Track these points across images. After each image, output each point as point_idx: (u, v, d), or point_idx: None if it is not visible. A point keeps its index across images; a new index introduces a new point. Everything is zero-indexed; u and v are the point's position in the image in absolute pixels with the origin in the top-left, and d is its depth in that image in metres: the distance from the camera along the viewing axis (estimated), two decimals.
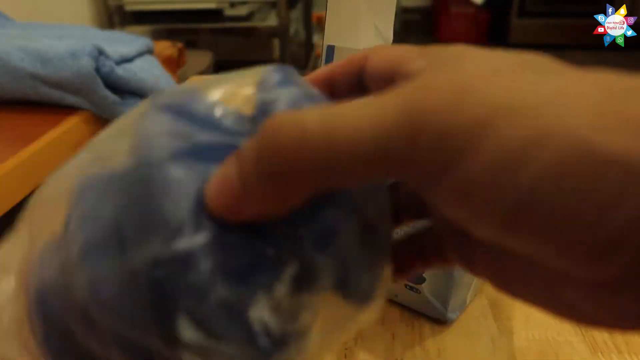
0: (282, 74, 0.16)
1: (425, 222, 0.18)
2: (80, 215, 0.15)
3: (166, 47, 0.84)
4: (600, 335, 0.36)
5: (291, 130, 0.12)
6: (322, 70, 0.19)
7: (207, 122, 0.15)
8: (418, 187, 0.12)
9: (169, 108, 0.16)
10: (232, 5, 1.67)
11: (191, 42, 1.81)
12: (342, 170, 0.12)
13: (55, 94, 0.60)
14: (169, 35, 1.69)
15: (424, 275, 0.37)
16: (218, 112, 0.15)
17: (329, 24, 0.38)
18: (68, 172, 0.17)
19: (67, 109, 0.61)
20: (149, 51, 0.73)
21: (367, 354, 0.36)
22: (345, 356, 0.36)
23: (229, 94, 0.16)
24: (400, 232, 0.19)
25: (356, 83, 0.18)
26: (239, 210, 0.13)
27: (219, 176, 0.13)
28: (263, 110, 0.15)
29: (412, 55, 0.16)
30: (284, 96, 0.15)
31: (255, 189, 0.13)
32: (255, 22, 1.73)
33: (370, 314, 0.16)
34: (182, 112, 0.15)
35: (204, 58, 1.41)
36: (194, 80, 0.17)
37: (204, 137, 0.14)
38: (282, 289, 0.14)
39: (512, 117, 0.11)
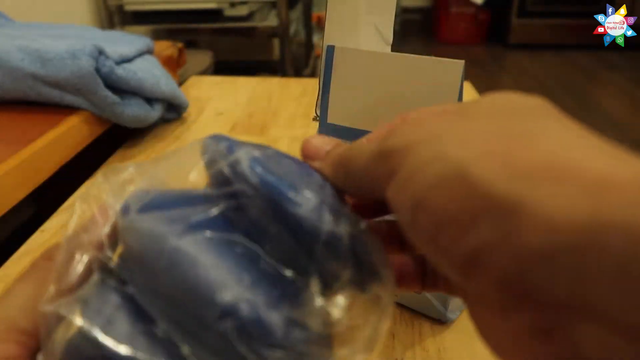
0: (223, 140, 0.19)
1: None
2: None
3: (166, 47, 0.84)
4: None
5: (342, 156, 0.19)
6: None
7: (188, 202, 0.18)
8: (382, 190, 0.17)
9: (150, 207, 0.18)
10: (232, 5, 1.67)
11: (191, 42, 1.81)
12: (353, 177, 0.18)
13: (55, 94, 0.60)
14: (169, 35, 1.69)
15: None
16: (193, 192, 0.18)
17: (329, 24, 0.38)
18: None
19: (67, 109, 0.61)
20: (149, 51, 0.73)
21: None
22: None
23: (191, 178, 0.19)
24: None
25: None
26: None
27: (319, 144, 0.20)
28: (234, 172, 0.17)
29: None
30: (244, 156, 0.18)
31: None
32: (255, 22, 1.73)
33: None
34: (164, 205, 0.18)
35: (204, 58, 1.41)
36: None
37: (196, 214, 0.17)
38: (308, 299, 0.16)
39: (423, 144, 0.15)
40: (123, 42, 0.68)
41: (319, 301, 0.16)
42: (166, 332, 0.16)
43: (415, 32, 3.44)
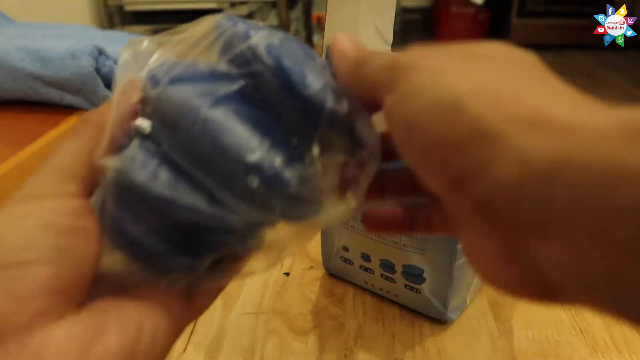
0: (238, 22, 0.21)
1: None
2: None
3: None
4: (600, 335, 0.37)
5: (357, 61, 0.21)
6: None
7: (212, 78, 0.21)
8: (379, 99, 0.18)
9: (179, 80, 0.20)
10: (232, 5, 1.67)
11: None
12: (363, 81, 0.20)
13: (55, 94, 0.60)
14: None
15: (424, 275, 0.37)
16: (216, 69, 0.21)
17: (329, 24, 0.38)
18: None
19: (67, 109, 0.61)
20: None
21: (367, 353, 0.36)
22: (345, 356, 0.36)
23: (205, 53, 0.22)
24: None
25: None
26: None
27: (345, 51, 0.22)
28: (253, 55, 0.20)
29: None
30: (262, 40, 0.20)
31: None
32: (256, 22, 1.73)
33: None
34: (192, 79, 0.20)
35: None
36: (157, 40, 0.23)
37: (222, 89, 0.20)
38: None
39: (427, 71, 0.17)
40: (123, 42, 0.68)
41: (319, 162, 0.20)
42: (202, 182, 0.19)
43: (415, 32, 3.44)
